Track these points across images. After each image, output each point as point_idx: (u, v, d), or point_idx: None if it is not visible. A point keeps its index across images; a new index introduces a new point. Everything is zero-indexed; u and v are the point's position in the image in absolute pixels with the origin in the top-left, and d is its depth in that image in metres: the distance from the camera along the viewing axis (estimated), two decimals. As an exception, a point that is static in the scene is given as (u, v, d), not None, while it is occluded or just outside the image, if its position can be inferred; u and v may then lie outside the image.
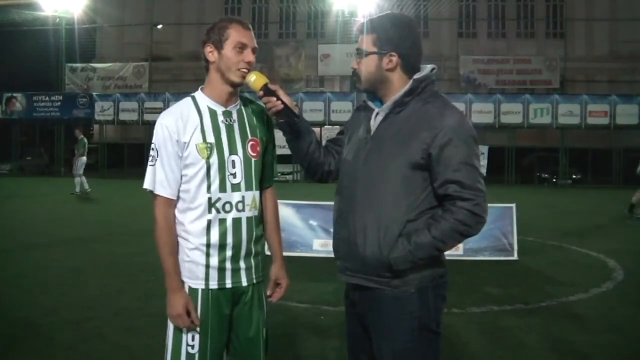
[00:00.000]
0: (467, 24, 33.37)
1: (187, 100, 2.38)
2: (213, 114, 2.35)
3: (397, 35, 2.20)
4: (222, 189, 2.31)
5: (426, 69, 2.25)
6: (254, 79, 2.29)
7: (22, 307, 5.43)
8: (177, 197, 2.33)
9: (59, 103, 29.17)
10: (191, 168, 2.30)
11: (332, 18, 29.68)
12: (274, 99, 2.27)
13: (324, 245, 7.78)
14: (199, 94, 2.39)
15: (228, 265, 2.33)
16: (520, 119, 26.41)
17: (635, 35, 28.89)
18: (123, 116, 28.56)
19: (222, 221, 2.31)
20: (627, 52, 30.34)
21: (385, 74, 2.21)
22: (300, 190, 16.41)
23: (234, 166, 2.34)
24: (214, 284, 2.32)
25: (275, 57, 28.90)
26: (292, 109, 2.30)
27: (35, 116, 29.71)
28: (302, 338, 4.72)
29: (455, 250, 7.52)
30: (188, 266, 2.33)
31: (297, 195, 11.15)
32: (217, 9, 33.13)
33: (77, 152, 17.82)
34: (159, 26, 31.61)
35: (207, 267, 2.31)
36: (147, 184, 2.33)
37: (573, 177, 27.63)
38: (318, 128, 25.37)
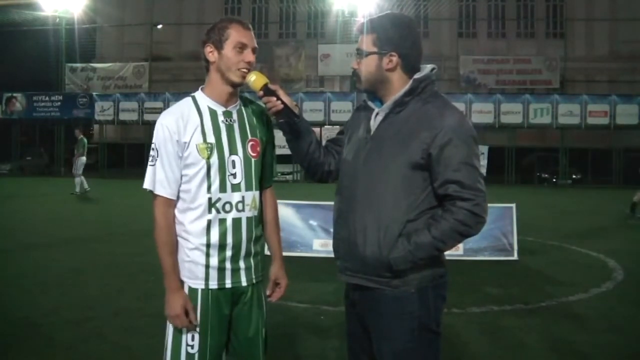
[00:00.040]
0: (467, 24, 33.38)
1: (188, 100, 2.38)
2: (213, 114, 2.35)
3: (397, 35, 2.19)
4: (222, 189, 2.31)
5: (426, 69, 2.25)
6: (254, 79, 2.29)
7: (22, 307, 5.43)
8: (177, 197, 2.33)
9: (59, 103, 29.17)
10: (191, 168, 2.30)
11: (332, 18, 29.68)
12: (274, 99, 2.27)
13: (324, 245, 7.78)
14: (199, 94, 2.39)
15: (228, 265, 2.33)
16: (520, 119, 26.42)
17: (635, 35, 28.90)
18: (123, 116, 28.57)
19: (222, 221, 2.31)
20: (627, 52, 30.36)
21: (385, 74, 2.21)
22: (300, 190, 16.41)
23: (234, 166, 2.34)
24: (213, 284, 2.32)
25: (275, 57, 28.90)
26: (292, 109, 2.30)
27: (35, 116, 29.71)
28: (302, 338, 4.72)
29: (455, 250, 7.52)
30: (188, 266, 2.33)
31: (297, 195, 11.14)
32: (217, 9, 33.14)
33: (76, 152, 17.83)
34: (159, 26, 31.61)
35: (207, 267, 2.32)
36: (147, 184, 2.33)
37: (573, 177, 27.62)
38: (318, 128, 25.37)
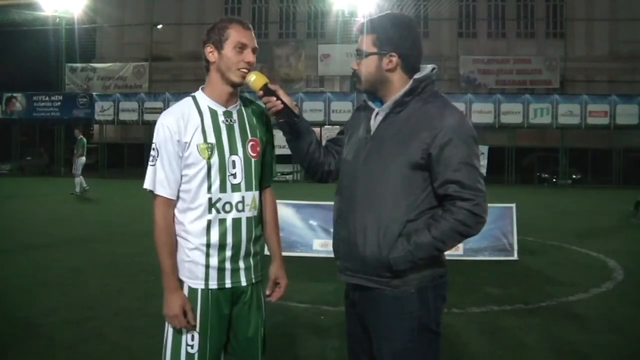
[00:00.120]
0: (467, 24, 33.37)
1: (188, 100, 2.38)
2: (214, 114, 2.35)
3: (397, 35, 2.19)
4: (223, 189, 2.31)
5: (426, 69, 2.24)
6: (254, 79, 2.29)
7: (22, 307, 5.43)
8: (177, 197, 2.33)
9: (59, 103, 29.16)
10: (192, 168, 2.30)
11: (332, 18, 29.68)
12: (274, 99, 2.27)
13: (324, 245, 7.78)
14: (199, 94, 2.39)
15: (228, 265, 2.33)
16: (520, 119, 26.42)
17: (635, 35, 28.89)
18: (123, 116, 28.56)
19: (222, 221, 2.31)
20: (627, 52, 30.35)
21: (385, 75, 2.21)
22: (300, 190, 16.41)
23: (234, 166, 2.34)
24: (213, 284, 2.32)
25: (275, 57, 28.90)
26: (292, 109, 2.30)
27: (35, 116, 29.70)
28: (302, 338, 4.72)
29: (455, 250, 7.52)
30: (188, 266, 2.33)
31: (297, 195, 11.14)
32: (217, 9, 33.14)
33: (76, 152, 17.83)
34: (159, 26, 31.61)
35: (207, 267, 2.31)
36: (147, 184, 2.33)
37: (573, 177, 27.62)
38: (318, 128, 25.37)
